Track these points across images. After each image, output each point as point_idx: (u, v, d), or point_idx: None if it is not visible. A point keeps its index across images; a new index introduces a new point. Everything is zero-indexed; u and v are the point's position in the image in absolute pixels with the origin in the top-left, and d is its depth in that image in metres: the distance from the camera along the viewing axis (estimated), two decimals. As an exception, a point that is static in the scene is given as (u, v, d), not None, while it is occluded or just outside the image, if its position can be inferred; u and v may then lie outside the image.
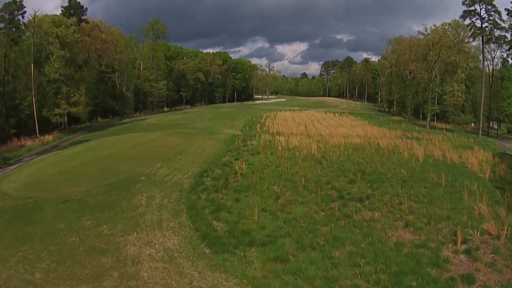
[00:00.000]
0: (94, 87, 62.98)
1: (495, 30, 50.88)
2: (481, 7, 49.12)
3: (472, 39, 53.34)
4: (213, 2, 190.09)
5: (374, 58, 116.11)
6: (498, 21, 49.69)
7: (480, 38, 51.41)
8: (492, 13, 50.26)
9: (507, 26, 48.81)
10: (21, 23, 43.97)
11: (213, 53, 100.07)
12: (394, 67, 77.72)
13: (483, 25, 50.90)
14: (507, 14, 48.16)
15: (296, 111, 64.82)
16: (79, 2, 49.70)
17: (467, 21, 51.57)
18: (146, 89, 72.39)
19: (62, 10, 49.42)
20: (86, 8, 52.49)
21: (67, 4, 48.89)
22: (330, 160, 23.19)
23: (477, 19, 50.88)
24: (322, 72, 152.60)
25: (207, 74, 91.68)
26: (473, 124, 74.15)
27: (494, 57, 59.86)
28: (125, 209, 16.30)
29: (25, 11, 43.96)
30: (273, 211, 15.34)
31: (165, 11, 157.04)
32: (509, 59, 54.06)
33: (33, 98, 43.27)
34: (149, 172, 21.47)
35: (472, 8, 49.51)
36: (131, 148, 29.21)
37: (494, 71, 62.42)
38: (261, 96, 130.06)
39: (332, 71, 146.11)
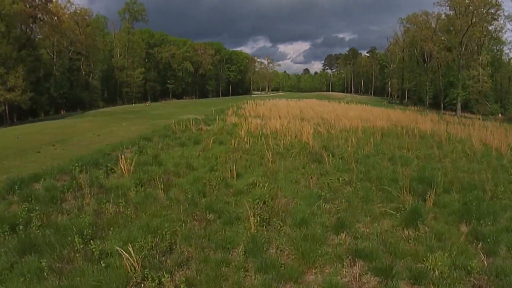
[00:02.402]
0: (62, 76, 52.41)
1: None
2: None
3: None
4: (213, 2, 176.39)
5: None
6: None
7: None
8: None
9: None
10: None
11: (205, 42, 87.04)
12: (408, 47, 63.82)
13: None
14: None
15: (293, 100, 51.32)
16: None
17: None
18: (122, 78, 60.00)
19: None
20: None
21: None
22: (341, 154, 9.83)
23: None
24: (325, 66, 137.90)
25: (198, 65, 78.82)
26: (500, 115, 60.13)
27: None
28: None
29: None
30: None
31: (164, 11, 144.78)
32: None
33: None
34: None
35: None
36: (8, 138, 16.49)
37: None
38: (259, 92, 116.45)
39: (336, 65, 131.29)
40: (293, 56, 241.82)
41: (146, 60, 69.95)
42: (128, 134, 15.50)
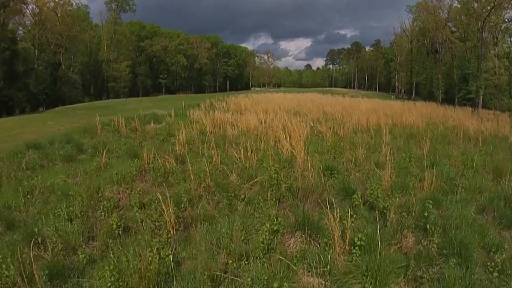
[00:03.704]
0: (45, 71, 47.27)
1: None
2: None
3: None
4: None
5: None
6: None
7: None
8: None
9: None
10: None
11: (201, 35, 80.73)
12: (417, 37, 57.25)
13: None
14: None
15: (292, 93, 45.36)
16: None
17: None
18: (108, 72, 54.47)
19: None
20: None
21: None
22: (372, 195, 4.04)
23: None
24: (327, 61, 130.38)
25: (194, 59, 72.74)
26: (518, 111, 53.22)
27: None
28: None
29: None
30: None
31: (166, 8, 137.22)
32: None
33: None
34: None
35: None
36: None
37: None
38: (259, 88, 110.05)
39: (338, 60, 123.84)
40: (294, 52, 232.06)
41: (137, 54, 64.31)
42: (35, 137, 9.85)
